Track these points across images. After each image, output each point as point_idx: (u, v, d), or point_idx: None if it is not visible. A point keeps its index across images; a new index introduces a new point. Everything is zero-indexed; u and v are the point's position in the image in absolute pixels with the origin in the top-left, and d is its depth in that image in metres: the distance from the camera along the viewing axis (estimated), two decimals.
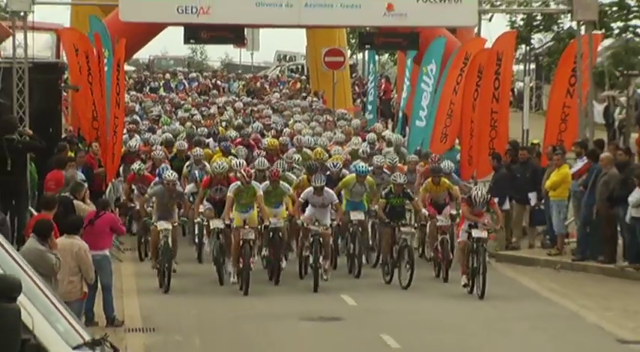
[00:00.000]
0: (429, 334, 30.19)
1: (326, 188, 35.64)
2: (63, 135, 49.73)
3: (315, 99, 74.84)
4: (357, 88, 73.95)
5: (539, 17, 74.79)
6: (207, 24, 49.82)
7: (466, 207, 34.56)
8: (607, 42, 65.35)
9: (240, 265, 38.09)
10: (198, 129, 58.20)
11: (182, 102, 76.17)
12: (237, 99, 79.01)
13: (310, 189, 35.26)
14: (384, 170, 44.22)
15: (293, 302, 35.17)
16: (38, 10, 49.19)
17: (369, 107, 71.64)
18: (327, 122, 61.23)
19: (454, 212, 36.70)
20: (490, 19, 60.57)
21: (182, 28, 51.29)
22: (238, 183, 37.32)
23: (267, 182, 35.68)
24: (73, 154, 46.06)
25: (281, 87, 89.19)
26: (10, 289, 12.31)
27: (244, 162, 40.89)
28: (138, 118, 64.26)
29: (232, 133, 56.41)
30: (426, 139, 51.32)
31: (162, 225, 33.96)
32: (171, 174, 35.90)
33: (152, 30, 56.05)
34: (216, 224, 38.30)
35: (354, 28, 64.02)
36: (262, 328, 32.60)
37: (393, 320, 32.76)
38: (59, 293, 17.76)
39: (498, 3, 60.92)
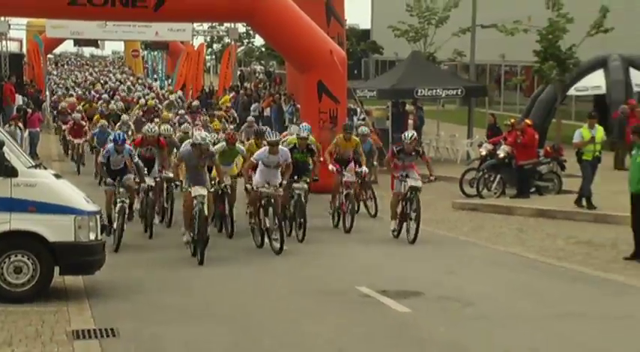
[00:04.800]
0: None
1: (280, 146, 17.43)
2: (24, 83, 46.70)
3: (128, 69, 73.86)
4: (144, 65, 75.07)
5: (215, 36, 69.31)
6: (83, 39, 51.00)
7: (393, 159, 17.66)
8: (242, 47, 68.18)
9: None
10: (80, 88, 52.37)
11: (75, 71, 77.41)
12: (96, 71, 78.08)
13: (265, 148, 17.24)
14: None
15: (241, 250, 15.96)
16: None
17: (149, 75, 68.29)
18: (134, 81, 58.53)
19: (359, 169, 19.01)
20: (197, 38, 56.63)
21: (72, 40, 53.64)
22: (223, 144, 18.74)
23: (224, 143, 18.55)
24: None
25: (114, 65, 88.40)
26: None
27: (189, 127, 23.82)
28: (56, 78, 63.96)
29: (98, 87, 51.42)
30: (172, 84, 52.05)
31: (197, 190, 15.87)
32: (203, 136, 17.09)
33: (61, 40, 55.27)
34: (147, 181, 19.04)
35: (143, 41, 58.89)
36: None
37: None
38: None
39: (201, 31, 58.23)
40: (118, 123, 27.40)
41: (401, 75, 32.40)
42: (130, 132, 24.72)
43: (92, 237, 11.74)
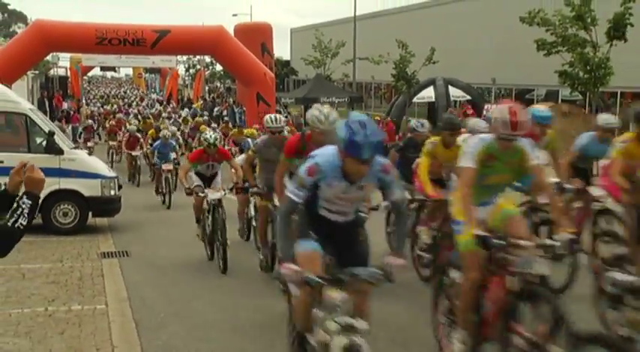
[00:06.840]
0: None
1: None
2: (68, 95, 43.93)
3: (135, 86, 70.44)
4: (145, 83, 71.89)
5: (191, 64, 57.82)
6: (106, 66, 47.61)
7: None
8: (208, 71, 60.02)
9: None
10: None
11: (100, 87, 73.07)
12: (113, 87, 74.83)
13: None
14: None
15: None
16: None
17: (149, 89, 64.44)
18: (140, 95, 54.60)
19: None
20: (179, 65, 53.15)
21: (99, 67, 50.74)
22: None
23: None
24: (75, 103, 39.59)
25: (127, 83, 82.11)
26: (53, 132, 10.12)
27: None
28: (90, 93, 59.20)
29: (121, 102, 45.66)
30: (163, 95, 51.17)
31: None
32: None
33: (92, 67, 50.76)
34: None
35: (145, 67, 52.22)
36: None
37: None
38: None
39: (181, 60, 54.61)
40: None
41: (309, 89, 32.71)
42: (178, 146, 15.75)
43: (112, 193, 11.52)
